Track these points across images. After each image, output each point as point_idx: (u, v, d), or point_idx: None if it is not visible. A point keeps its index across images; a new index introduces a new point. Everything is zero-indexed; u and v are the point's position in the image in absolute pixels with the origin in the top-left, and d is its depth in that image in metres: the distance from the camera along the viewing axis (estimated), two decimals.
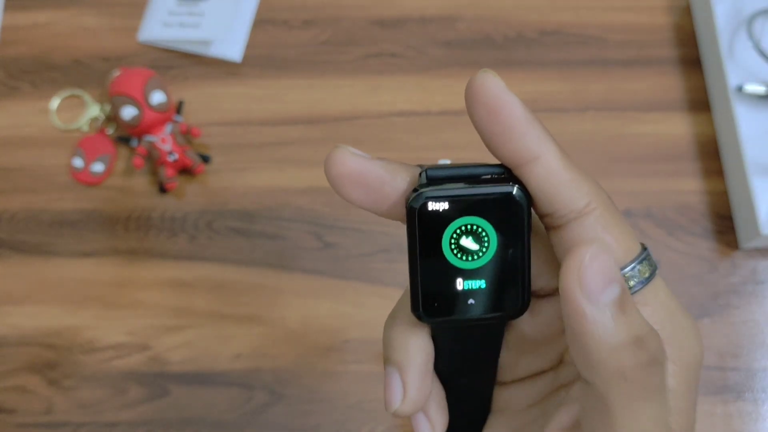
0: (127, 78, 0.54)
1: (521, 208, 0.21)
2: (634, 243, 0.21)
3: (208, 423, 0.49)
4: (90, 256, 0.53)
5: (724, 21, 0.56)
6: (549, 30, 0.59)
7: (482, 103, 0.20)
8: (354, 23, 0.60)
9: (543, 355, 0.25)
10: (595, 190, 0.21)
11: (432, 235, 0.21)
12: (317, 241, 0.53)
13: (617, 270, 0.19)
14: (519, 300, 0.22)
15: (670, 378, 0.21)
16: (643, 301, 0.21)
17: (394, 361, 0.23)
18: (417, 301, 0.22)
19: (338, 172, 0.21)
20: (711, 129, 0.55)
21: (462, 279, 0.22)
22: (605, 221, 0.21)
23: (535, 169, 0.20)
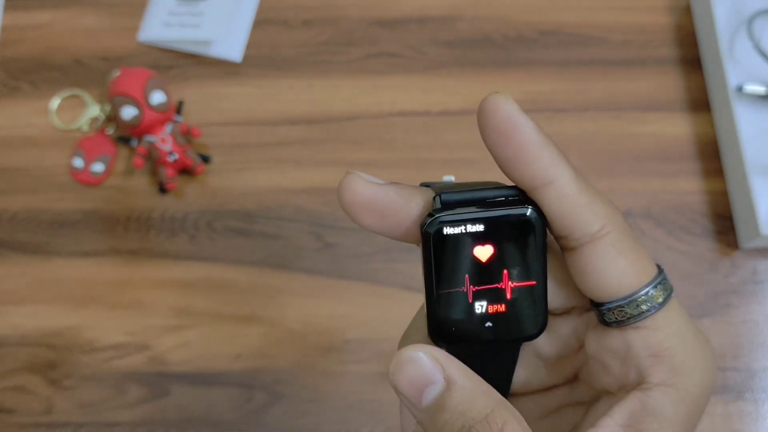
0: (127, 78, 0.54)
1: (536, 230, 0.21)
2: (650, 266, 0.21)
3: (208, 423, 0.49)
4: (90, 256, 0.53)
5: (724, 21, 0.56)
6: (549, 30, 0.59)
7: (494, 126, 0.20)
8: (354, 23, 0.60)
9: (558, 370, 0.25)
10: (609, 213, 0.21)
11: (448, 259, 0.21)
12: (317, 241, 0.53)
13: (434, 370, 0.20)
14: (536, 322, 0.22)
15: (669, 406, 0.21)
16: (654, 326, 0.21)
17: None
18: (434, 327, 0.22)
19: (352, 200, 0.21)
20: (711, 129, 0.55)
21: (479, 303, 0.22)
22: (620, 245, 0.21)
23: (549, 193, 0.20)
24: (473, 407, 0.20)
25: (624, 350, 0.22)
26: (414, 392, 0.20)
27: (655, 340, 0.21)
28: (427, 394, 0.20)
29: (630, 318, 0.21)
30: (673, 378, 0.21)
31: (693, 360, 0.21)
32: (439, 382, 0.20)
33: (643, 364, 0.21)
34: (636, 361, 0.21)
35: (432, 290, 0.21)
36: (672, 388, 0.21)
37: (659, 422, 0.21)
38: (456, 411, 0.20)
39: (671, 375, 0.21)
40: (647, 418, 0.21)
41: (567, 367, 0.25)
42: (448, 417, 0.20)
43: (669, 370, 0.21)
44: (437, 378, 0.20)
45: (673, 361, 0.21)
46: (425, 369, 0.20)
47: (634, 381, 0.21)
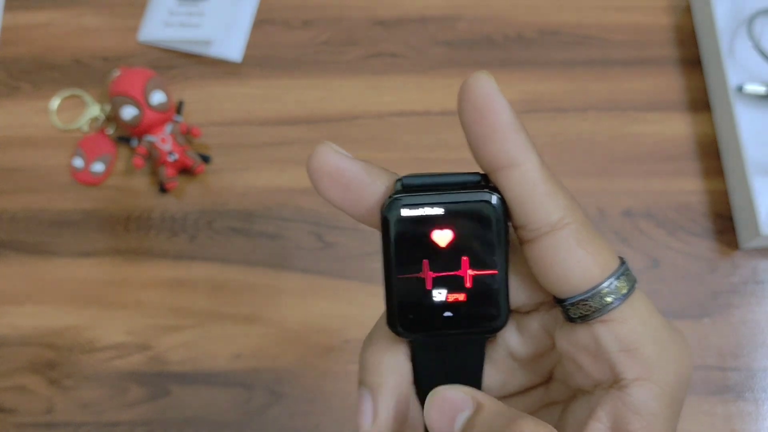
0: (127, 78, 0.54)
1: (498, 217, 0.20)
2: (612, 258, 0.21)
3: (208, 423, 0.49)
4: (90, 256, 0.53)
5: (724, 21, 0.56)
6: (549, 30, 0.59)
7: (472, 102, 0.20)
8: (354, 23, 0.60)
9: (533, 371, 0.24)
10: (570, 205, 0.21)
11: (407, 244, 0.21)
12: (317, 241, 0.53)
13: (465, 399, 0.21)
14: (498, 313, 0.21)
15: (650, 401, 0.20)
16: (621, 318, 0.21)
17: (367, 382, 0.23)
18: (392, 314, 0.21)
19: (318, 167, 0.21)
20: (711, 129, 0.55)
21: (437, 290, 0.21)
22: (580, 236, 0.20)
23: (513, 176, 0.20)
24: (499, 420, 0.20)
25: (593, 346, 0.21)
26: (446, 422, 0.21)
27: (623, 332, 0.21)
28: (458, 420, 0.21)
29: (595, 311, 0.21)
30: (648, 372, 0.21)
31: (665, 350, 0.21)
32: (469, 408, 0.21)
33: (615, 360, 0.21)
34: (607, 357, 0.21)
35: (391, 277, 0.21)
36: (649, 382, 0.21)
37: (645, 419, 0.20)
38: (484, 426, 0.20)
39: (646, 369, 0.21)
40: (633, 417, 0.21)
41: (542, 366, 0.24)
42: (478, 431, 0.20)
43: (643, 363, 0.21)
44: (468, 405, 0.21)
45: (645, 353, 0.21)
46: (457, 398, 0.21)
47: (609, 378, 0.21)
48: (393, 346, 0.23)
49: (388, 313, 0.21)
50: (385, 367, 0.22)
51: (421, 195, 0.21)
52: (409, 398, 0.23)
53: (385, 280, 0.21)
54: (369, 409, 0.22)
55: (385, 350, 0.23)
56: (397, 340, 0.23)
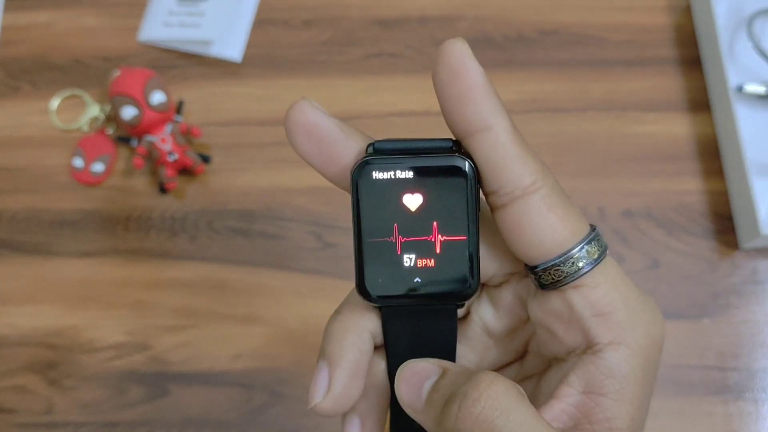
0: (127, 78, 0.54)
1: (468, 182, 0.20)
2: (583, 223, 0.21)
3: (208, 423, 0.49)
4: (90, 256, 0.53)
5: (724, 21, 0.56)
6: (549, 30, 0.59)
7: (446, 65, 0.20)
8: (354, 23, 0.60)
9: (507, 347, 0.24)
10: (541, 169, 0.21)
11: (376, 207, 0.21)
12: (317, 241, 0.53)
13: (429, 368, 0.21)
14: (468, 279, 0.21)
15: (623, 363, 0.21)
16: (593, 283, 0.21)
17: (326, 354, 0.23)
18: (361, 278, 0.21)
19: (296, 119, 0.21)
20: (711, 129, 0.55)
21: (407, 255, 0.21)
22: (551, 201, 0.20)
23: (485, 139, 0.20)
24: (460, 379, 0.20)
25: (567, 312, 0.21)
26: (414, 392, 0.21)
27: (596, 297, 0.21)
28: (425, 387, 0.21)
29: (567, 277, 0.21)
30: (621, 335, 0.21)
31: (637, 313, 0.21)
32: (435, 374, 0.21)
33: (588, 324, 0.21)
34: (581, 323, 0.21)
35: (360, 239, 0.21)
36: (622, 345, 0.21)
37: (618, 382, 0.21)
38: (449, 386, 0.20)
39: (619, 332, 0.21)
40: (606, 380, 0.21)
41: (516, 341, 0.24)
42: (443, 392, 0.20)
43: (615, 327, 0.21)
44: (434, 372, 0.21)
45: (618, 317, 0.21)
46: (425, 368, 0.21)
47: (582, 344, 0.21)
48: (358, 322, 0.23)
49: (357, 277, 0.21)
50: (347, 342, 0.22)
51: (392, 158, 0.21)
52: (364, 375, 0.23)
53: (355, 243, 0.21)
54: (324, 381, 0.22)
55: (349, 325, 0.23)
56: (363, 315, 0.22)
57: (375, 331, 0.23)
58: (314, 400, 0.22)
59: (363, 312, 0.23)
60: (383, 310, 0.22)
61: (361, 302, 0.22)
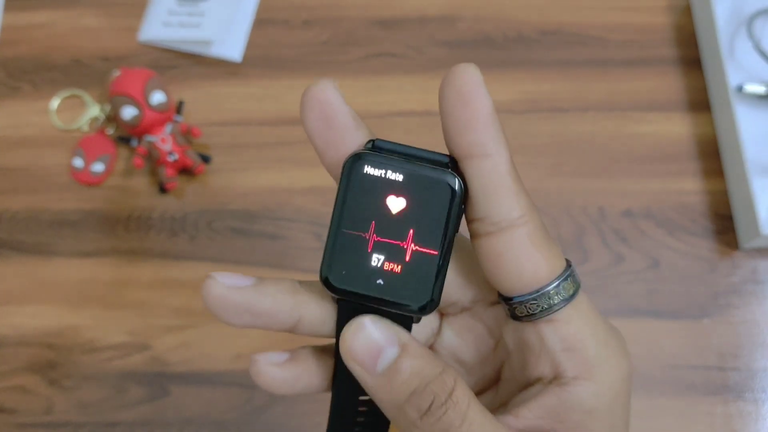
0: (127, 78, 0.54)
1: (453, 199, 0.21)
2: (560, 260, 0.22)
3: (208, 423, 0.49)
4: (90, 256, 0.53)
5: (724, 21, 0.56)
6: (549, 30, 0.59)
7: (457, 88, 0.20)
8: (354, 23, 0.60)
9: (479, 374, 0.25)
10: (531, 206, 0.21)
11: (359, 200, 0.21)
12: (317, 241, 0.53)
13: (390, 335, 0.21)
14: (427, 295, 0.21)
15: (589, 398, 0.21)
16: (566, 319, 0.21)
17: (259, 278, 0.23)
18: (327, 265, 0.21)
19: (313, 95, 0.21)
20: (711, 129, 0.55)
21: (377, 255, 0.21)
22: (535, 237, 0.21)
23: (484, 166, 0.20)
24: (427, 367, 0.21)
25: (537, 344, 0.22)
26: (370, 359, 0.21)
27: (568, 333, 0.21)
28: (382, 360, 0.21)
29: (542, 311, 0.21)
30: (589, 370, 0.21)
31: (606, 350, 0.22)
32: (394, 348, 0.21)
33: (557, 358, 0.21)
34: (550, 355, 0.22)
35: (335, 226, 0.21)
36: (589, 381, 0.21)
37: (579, 415, 0.21)
38: (412, 372, 0.20)
39: (586, 367, 0.21)
40: (567, 413, 0.21)
41: (488, 368, 0.25)
42: (405, 378, 0.20)
43: (584, 362, 0.21)
44: (393, 344, 0.21)
45: (587, 353, 0.21)
46: (381, 336, 0.21)
47: (549, 374, 0.22)
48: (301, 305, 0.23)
49: (322, 262, 0.21)
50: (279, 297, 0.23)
51: (387, 158, 0.21)
52: None
53: (329, 229, 0.21)
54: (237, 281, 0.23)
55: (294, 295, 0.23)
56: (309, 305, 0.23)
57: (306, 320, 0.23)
58: (218, 277, 0.23)
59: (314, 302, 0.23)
60: (339, 302, 0.22)
61: (318, 294, 0.22)
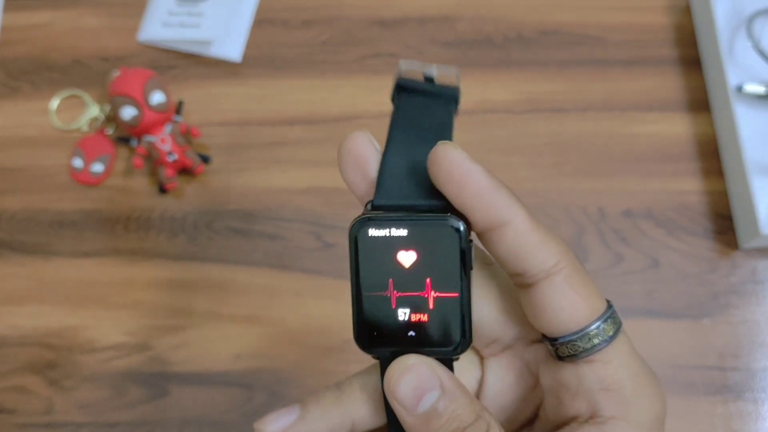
0: (127, 78, 0.54)
1: (460, 241, 0.21)
2: (600, 300, 0.22)
3: (208, 423, 0.49)
4: (90, 256, 0.53)
5: (724, 21, 0.56)
6: (549, 30, 0.59)
7: (446, 176, 0.21)
8: (354, 23, 0.60)
9: (518, 412, 0.25)
10: (562, 250, 0.22)
11: (373, 262, 0.22)
12: (317, 241, 0.53)
13: (432, 378, 0.21)
14: (458, 335, 0.22)
15: None
16: (605, 359, 0.22)
17: (305, 407, 0.23)
18: (359, 329, 0.22)
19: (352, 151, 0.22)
20: (711, 129, 0.55)
21: (402, 309, 0.22)
22: (573, 280, 0.21)
23: (506, 233, 0.21)
24: (465, 411, 0.21)
25: (576, 383, 0.22)
26: (413, 399, 0.21)
27: (606, 373, 0.22)
28: (425, 401, 0.21)
29: (582, 352, 0.22)
30: (624, 411, 0.22)
31: (642, 390, 0.22)
32: (436, 390, 0.21)
33: (594, 398, 0.22)
34: (588, 395, 0.22)
35: (357, 293, 0.22)
36: (624, 421, 0.22)
37: None
38: (451, 416, 0.21)
39: (623, 408, 0.22)
40: None
41: (527, 406, 0.25)
42: (444, 421, 0.21)
43: (620, 402, 0.22)
44: (435, 386, 0.21)
45: (624, 394, 0.22)
46: (425, 377, 0.21)
47: (586, 414, 0.22)
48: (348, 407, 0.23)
49: (354, 328, 0.22)
50: (329, 416, 0.23)
51: (388, 217, 0.21)
52: None
53: (352, 296, 0.22)
54: (285, 421, 0.23)
55: (341, 405, 0.24)
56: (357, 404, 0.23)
57: (360, 423, 0.24)
58: (264, 425, 0.23)
59: (358, 400, 0.24)
60: (381, 359, 0.23)
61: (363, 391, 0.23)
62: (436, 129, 0.23)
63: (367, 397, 0.24)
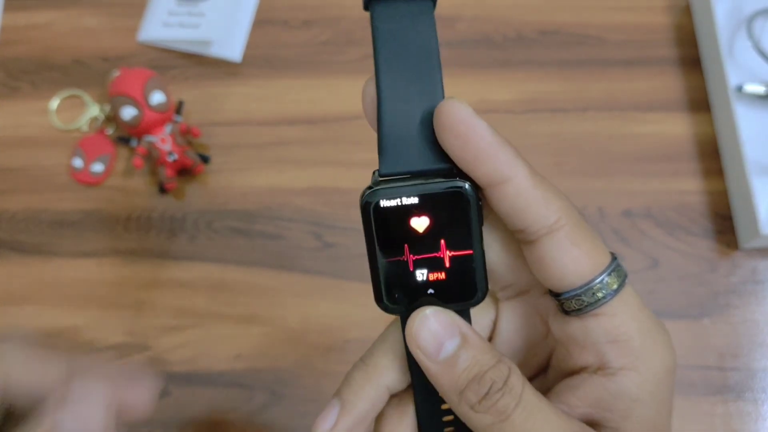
0: (127, 78, 0.54)
1: (469, 202, 0.22)
2: (604, 255, 0.22)
3: (208, 423, 0.49)
4: (90, 256, 0.53)
5: (724, 21, 0.56)
6: (549, 30, 0.59)
7: (451, 130, 0.21)
8: (354, 23, 0.60)
9: (531, 360, 0.26)
10: (563, 206, 0.22)
11: (388, 231, 0.22)
12: (317, 241, 0.53)
13: (451, 325, 0.22)
14: (476, 288, 0.23)
15: (633, 387, 0.22)
16: (611, 312, 0.22)
17: (342, 397, 0.24)
18: (379, 293, 0.23)
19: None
20: (711, 129, 0.55)
21: (420, 271, 0.23)
22: (574, 236, 0.22)
23: (507, 189, 0.21)
24: (485, 356, 0.22)
25: (583, 336, 0.22)
26: (434, 346, 0.22)
27: (612, 326, 0.22)
28: (446, 348, 0.22)
29: (587, 306, 0.22)
30: (633, 361, 0.22)
31: (651, 342, 0.22)
32: (456, 337, 0.22)
33: (602, 350, 0.22)
34: (596, 347, 0.22)
35: (374, 261, 0.23)
36: (634, 371, 0.22)
37: (625, 403, 0.22)
38: (472, 360, 0.22)
39: (632, 359, 0.22)
40: (614, 401, 0.22)
41: (539, 355, 0.26)
42: (466, 365, 0.22)
43: (629, 354, 0.22)
44: (455, 332, 0.22)
45: (632, 345, 0.22)
46: (444, 324, 0.22)
47: (595, 364, 0.23)
48: (378, 377, 0.24)
49: (375, 292, 0.23)
50: (364, 392, 0.24)
51: (396, 186, 0.22)
52: (369, 422, 0.25)
53: (370, 263, 0.23)
54: (331, 419, 0.24)
55: (370, 378, 0.24)
56: (385, 371, 0.24)
57: (393, 386, 0.25)
58: (318, 430, 0.24)
59: (386, 367, 0.25)
60: (402, 317, 0.24)
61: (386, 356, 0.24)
62: (423, 54, 0.24)
63: (391, 361, 0.24)
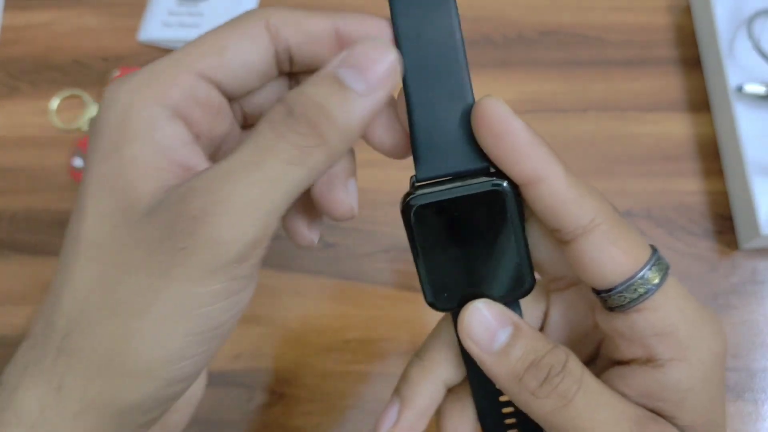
0: None
1: (509, 198, 0.22)
2: (644, 250, 0.22)
3: (208, 423, 0.49)
4: None
5: (724, 21, 0.56)
6: (549, 30, 0.59)
7: (488, 128, 0.21)
8: None
9: (581, 349, 0.26)
10: (599, 206, 0.22)
11: (429, 232, 0.22)
12: (317, 241, 0.53)
13: (502, 317, 0.22)
14: (523, 281, 0.23)
15: (684, 378, 0.22)
16: (654, 306, 0.22)
17: (401, 393, 0.25)
18: (429, 294, 0.23)
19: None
20: (711, 129, 0.55)
21: (464, 268, 0.23)
22: (611, 234, 0.22)
23: (542, 189, 0.21)
24: (539, 344, 0.22)
25: (629, 332, 0.23)
26: (487, 337, 0.22)
27: (657, 319, 0.22)
28: (499, 338, 0.22)
29: (630, 302, 0.22)
30: (681, 352, 0.22)
31: (698, 331, 0.22)
32: (508, 327, 0.22)
33: (649, 343, 0.22)
34: (642, 341, 0.22)
35: (419, 261, 0.23)
36: (683, 362, 0.22)
37: (677, 394, 0.22)
38: (527, 348, 0.22)
39: (679, 350, 0.22)
40: (665, 392, 0.22)
41: (589, 344, 0.26)
42: (520, 353, 0.22)
43: (675, 345, 0.22)
44: (507, 323, 0.22)
45: (678, 337, 0.22)
46: (496, 315, 0.23)
47: (643, 357, 0.23)
48: (435, 372, 0.25)
49: (425, 295, 0.23)
50: (422, 388, 0.25)
51: (434, 190, 0.22)
52: (430, 417, 0.25)
53: (416, 265, 0.23)
54: (393, 416, 0.25)
55: (427, 373, 0.25)
56: (441, 365, 0.25)
57: (449, 380, 0.25)
58: (381, 429, 0.25)
59: (441, 362, 0.25)
60: (453, 314, 0.24)
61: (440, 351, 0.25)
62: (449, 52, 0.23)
63: (446, 355, 0.25)
